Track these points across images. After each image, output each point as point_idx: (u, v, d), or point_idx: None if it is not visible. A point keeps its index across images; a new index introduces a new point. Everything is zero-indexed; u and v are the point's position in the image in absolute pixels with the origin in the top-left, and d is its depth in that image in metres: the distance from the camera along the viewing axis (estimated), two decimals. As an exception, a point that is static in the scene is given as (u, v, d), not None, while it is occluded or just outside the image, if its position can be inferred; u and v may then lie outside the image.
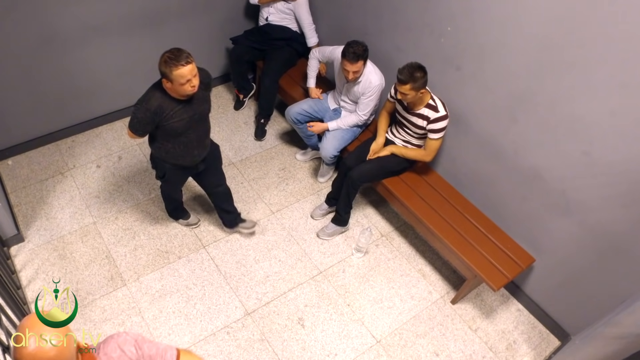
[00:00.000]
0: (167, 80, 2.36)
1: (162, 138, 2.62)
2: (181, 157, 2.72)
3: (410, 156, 3.21)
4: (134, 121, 2.51)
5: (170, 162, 2.75)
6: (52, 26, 3.31)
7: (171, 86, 2.38)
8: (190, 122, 2.59)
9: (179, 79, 2.33)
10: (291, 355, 2.87)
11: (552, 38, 2.44)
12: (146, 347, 1.53)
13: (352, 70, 3.09)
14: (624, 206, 2.44)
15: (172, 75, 2.32)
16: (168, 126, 2.53)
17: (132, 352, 1.49)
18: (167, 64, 2.30)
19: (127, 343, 1.50)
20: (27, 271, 3.09)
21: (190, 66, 2.33)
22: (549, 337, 3.12)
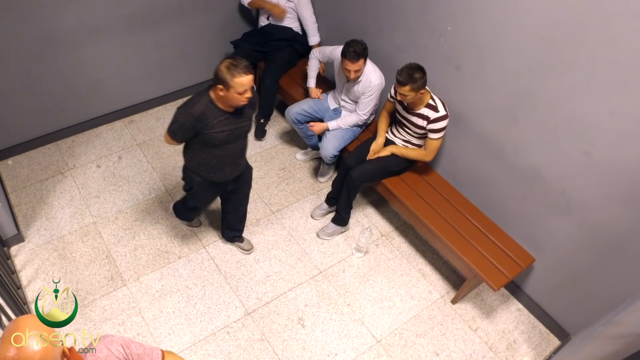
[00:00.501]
0: (224, 87, 2.29)
1: (199, 147, 2.56)
2: (213, 170, 2.65)
3: (410, 156, 3.21)
4: (175, 125, 2.46)
5: (201, 175, 2.68)
6: (52, 26, 3.32)
7: (225, 94, 2.32)
8: (230, 136, 2.52)
9: (238, 87, 2.28)
10: (291, 355, 2.87)
11: (552, 38, 2.44)
12: (133, 347, 1.57)
13: (354, 69, 3.08)
14: (624, 206, 2.44)
15: (232, 82, 2.26)
16: (208, 135, 2.45)
17: (119, 352, 1.52)
18: (230, 70, 2.25)
19: (114, 343, 1.53)
20: (27, 271, 3.09)
21: (251, 76, 2.29)
22: (549, 337, 3.12)
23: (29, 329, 1.28)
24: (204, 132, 2.44)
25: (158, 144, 3.96)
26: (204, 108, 2.39)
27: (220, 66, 2.27)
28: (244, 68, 2.25)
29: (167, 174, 3.75)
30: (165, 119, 4.17)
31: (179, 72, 4.21)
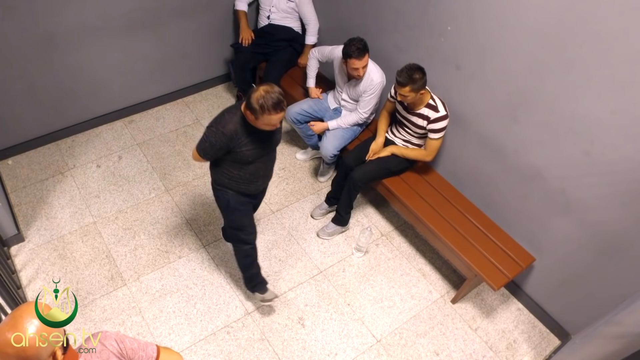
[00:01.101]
0: (254, 116, 2.23)
1: (230, 164, 2.49)
2: (245, 184, 2.59)
3: (410, 156, 3.21)
4: (206, 144, 2.37)
5: (233, 189, 2.62)
6: (52, 26, 3.32)
7: (254, 121, 2.27)
8: (263, 151, 2.47)
9: (265, 122, 2.24)
10: (291, 354, 2.87)
11: (553, 37, 2.43)
12: (127, 342, 1.56)
13: (361, 65, 3.10)
14: (624, 205, 2.44)
15: (262, 116, 2.20)
16: (240, 153, 2.39)
17: (113, 346, 1.52)
18: (262, 107, 2.17)
19: (107, 338, 1.53)
20: (27, 271, 3.09)
21: (282, 114, 2.24)
22: (549, 337, 3.12)
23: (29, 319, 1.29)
24: (237, 150, 2.37)
25: (158, 144, 3.96)
26: (236, 126, 2.32)
27: (254, 95, 2.19)
28: (275, 107, 2.18)
29: (167, 173, 3.75)
30: (165, 118, 4.17)
31: (179, 71, 4.21)
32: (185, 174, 3.76)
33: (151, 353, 1.61)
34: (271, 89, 2.19)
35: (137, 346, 1.58)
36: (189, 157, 3.88)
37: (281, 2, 3.81)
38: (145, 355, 1.59)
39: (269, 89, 2.19)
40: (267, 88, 2.19)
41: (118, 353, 1.52)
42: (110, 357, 1.50)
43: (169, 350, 1.69)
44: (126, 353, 1.54)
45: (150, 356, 1.60)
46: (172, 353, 1.70)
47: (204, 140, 2.38)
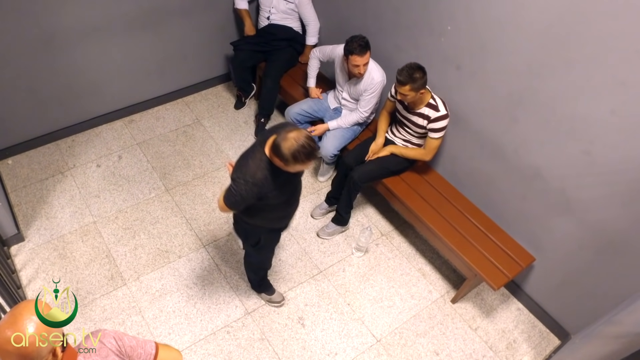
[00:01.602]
0: (283, 162, 2.07)
1: (262, 207, 2.32)
2: (279, 221, 2.52)
3: (409, 156, 3.21)
4: (237, 198, 2.17)
5: (268, 227, 2.52)
6: (52, 25, 3.31)
7: (282, 166, 2.11)
8: (295, 190, 2.38)
9: (297, 169, 2.12)
10: (291, 354, 2.87)
11: (553, 37, 2.43)
12: (126, 339, 1.56)
13: (363, 62, 3.10)
14: (624, 205, 2.44)
15: (292, 165, 2.06)
16: (272, 198, 2.23)
17: (111, 344, 1.52)
18: (296, 158, 2.02)
19: (106, 336, 1.53)
20: (27, 270, 3.09)
21: (313, 162, 2.12)
22: (549, 336, 3.12)
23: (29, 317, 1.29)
24: (268, 196, 2.21)
25: (158, 144, 3.96)
26: (264, 173, 2.15)
27: (284, 144, 2.00)
28: (309, 157, 2.04)
29: (167, 173, 3.75)
30: (165, 118, 4.17)
31: (179, 71, 4.20)
32: (185, 173, 3.76)
33: (150, 350, 1.61)
34: (300, 136, 2.01)
35: (135, 344, 1.58)
36: (189, 157, 3.88)
37: (281, 3, 3.81)
38: (144, 352, 1.59)
39: (299, 137, 2.01)
40: (296, 135, 2.01)
41: (117, 351, 1.52)
42: (109, 355, 1.50)
43: (167, 347, 1.69)
44: (125, 351, 1.54)
45: (149, 353, 1.60)
46: (171, 350, 1.70)
47: (233, 195, 2.18)
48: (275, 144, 2.05)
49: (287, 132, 2.03)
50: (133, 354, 1.56)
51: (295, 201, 2.49)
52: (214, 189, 3.68)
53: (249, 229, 2.52)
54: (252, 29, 4.02)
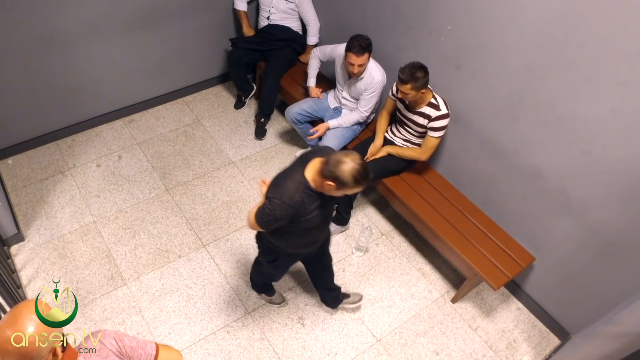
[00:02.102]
0: (337, 186, 1.99)
1: (291, 230, 2.24)
2: (303, 247, 2.44)
3: (406, 155, 3.21)
4: (270, 218, 2.08)
5: (289, 251, 2.44)
6: (52, 25, 3.31)
7: (333, 190, 2.04)
8: (327, 217, 2.29)
9: (352, 191, 2.04)
10: (291, 354, 2.87)
11: (553, 37, 2.43)
12: (126, 340, 1.56)
13: (358, 63, 3.08)
14: (624, 204, 2.44)
15: (349, 188, 1.99)
16: (305, 221, 2.15)
17: (112, 345, 1.52)
18: (356, 180, 1.96)
19: (106, 337, 1.53)
20: (28, 270, 3.09)
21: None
22: (549, 336, 3.12)
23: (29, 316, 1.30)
24: (302, 219, 2.14)
25: (158, 143, 3.96)
26: (302, 196, 2.08)
27: (342, 167, 1.94)
28: (367, 178, 1.99)
29: (167, 173, 3.75)
30: (165, 118, 4.17)
31: (179, 71, 4.20)
32: (185, 173, 3.76)
33: (150, 351, 1.61)
34: (357, 158, 1.96)
35: (136, 344, 1.58)
36: (188, 157, 3.88)
37: (281, 3, 3.81)
38: (144, 353, 1.59)
39: (355, 159, 1.96)
40: (353, 158, 1.96)
41: (117, 351, 1.52)
42: (110, 356, 1.50)
43: (167, 348, 1.69)
44: (125, 352, 1.54)
45: (149, 354, 1.60)
46: (171, 351, 1.70)
47: (267, 214, 2.08)
48: (328, 168, 1.97)
49: (339, 155, 1.97)
50: (133, 355, 1.56)
51: (325, 229, 2.42)
52: (214, 188, 3.68)
53: (270, 247, 2.44)
54: (250, 30, 4.02)
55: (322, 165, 2.01)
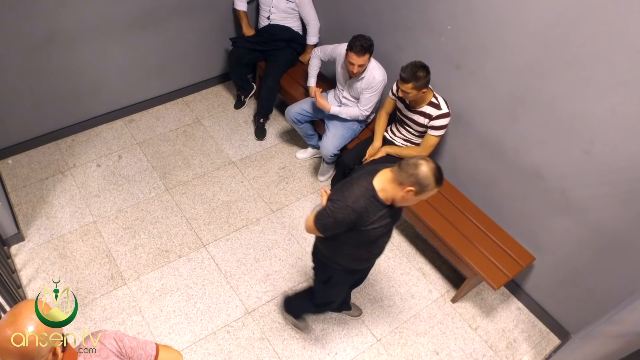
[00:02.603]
0: (417, 190, 1.91)
1: (348, 240, 2.16)
2: (359, 262, 2.36)
3: (405, 155, 3.20)
4: (330, 220, 2.02)
5: (344, 266, 2.34)
6: (52, 25, 3.31)
7: (410, 197, 1.95)
8: (386, 229, 2.15)
9: (427, 195, 1.96)
10: (291, 353, 2.87)
11: (553, 36, 2.43)
12: (127, 340, 1.56)
13: (358, 63, 3.08)
14: (624, 204, 2.44)
15: (429, 190, 1.92)
16: (366, 232, 2.07)
17: (112, 345, 1.52)
18: (437, 181, 1.90)
19: (107, 337, 1.53)
20: (28, 270, 3.09)
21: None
22: (549, 336, 3.12)
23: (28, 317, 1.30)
24: (363, 229, 2.06)
25: (158, 143, 3.96)
26: (367, 203, 2.00)
27: (421, 169, 1.88)
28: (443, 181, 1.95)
29: (167, 173, 3.75)
30: (165, 117, 4.17)
31: (179, 70, 4.20)
32: (185, 173, 3.76)
33: (150, 351, 1.61)
34: (430, 160, 1.93)
35: (136, 344, 1.58)
36: (188, 157, 3.88)
37: (281, 3, 3.81)
38: (145, 353, 1.59)
39: (428, 160, 1.92)
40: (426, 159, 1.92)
41: (117, 352, 1.52)
42: (110, 356, 1.50)
43: (168, 348, 1.69)
44: (125, 352, 1.54)
45: (149, 354, 1.60)
46: (171, 351, 1.70)
47: (327, 215, 2.03)
48: (407, 173, 1.90)
49: (411, 160, 1.91)
50: (133, 355, 1.56)
51: (384, 243, 2.29)
52: (214, 188, 3.68)
53: (324, 262, 2.37)
54: (249, 30, 4.01)
55: (396, 172, 1.95)
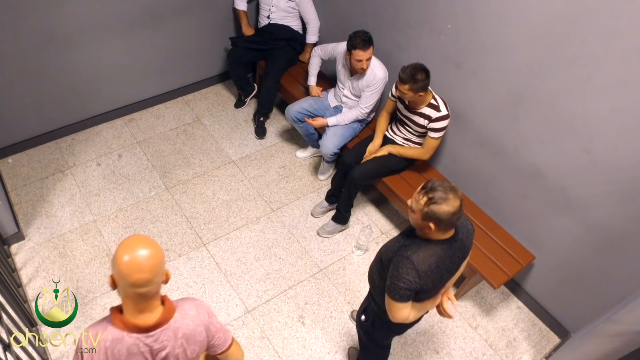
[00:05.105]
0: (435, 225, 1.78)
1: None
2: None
3: (407, 155, 3.21)
4: (405, 293, 1.84)
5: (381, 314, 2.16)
6: (52, 24, 3.31)
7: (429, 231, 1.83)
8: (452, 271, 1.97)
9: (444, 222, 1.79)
10: (291, 352, 2.88)
11: (553, 35, 2.43)
12: (215, 319, 1.62)
13: (366, 57, 3.10)
14: (624, 203, 2.44)
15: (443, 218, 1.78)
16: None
17: (204, 316, 1.57)
18: (454, 215, 1.76)
19: (202, 307, 1.59)
20: (28, 269, 3.09)
21: None
22: (549, 335, 3.12)
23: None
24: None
25: (158, 142, 3.96)
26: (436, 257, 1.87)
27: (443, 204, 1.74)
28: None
29: (167, 172, 3.75)
30: (165, 117, 4.17)
31: (179, 69, 4.20)
32: (185, 172, 3.76)
33: (227, 339, 1.66)
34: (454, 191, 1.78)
35: (220, 327, 1.63)
36: (189, 156, 3.88)
37: (281, 2, 3.80)
38: (223, 337, 1.64)
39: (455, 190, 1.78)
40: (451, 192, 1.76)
41: (206, 325, 1.57)
42: (200, 325, 1.55)
43: (238, 345, 1.74)
44: (210, 328, 1.59)
45: (225, 341, 1.65)
46: (239, 348, 1.74)
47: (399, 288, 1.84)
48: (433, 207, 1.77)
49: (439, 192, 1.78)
50: (215, 335, 1.61)
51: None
52: (214, 187, 3.68)
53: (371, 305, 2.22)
54: (249, 30, 4.01)
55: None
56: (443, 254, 1.86)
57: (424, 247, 1.84)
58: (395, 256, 1.87)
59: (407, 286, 1.82)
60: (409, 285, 1.82)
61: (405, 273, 1.81)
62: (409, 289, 1.83)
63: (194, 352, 1.54)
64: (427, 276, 1.83)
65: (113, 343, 1.41)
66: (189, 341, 1.51)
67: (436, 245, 1.84)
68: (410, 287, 1.82)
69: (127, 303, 1.41)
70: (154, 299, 1.44)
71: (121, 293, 1.41)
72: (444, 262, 1.88)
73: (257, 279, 3.18)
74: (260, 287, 3.15)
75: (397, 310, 1.90)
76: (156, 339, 1.44)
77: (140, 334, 1.42)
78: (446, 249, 1.86)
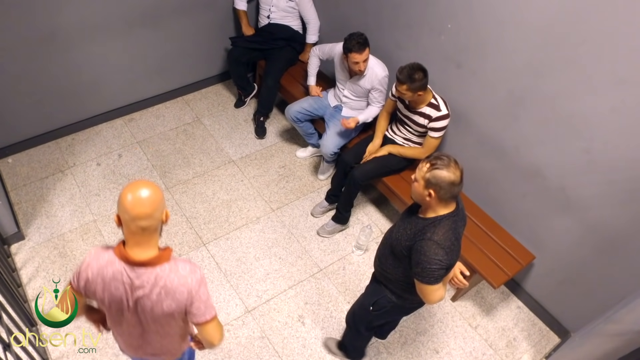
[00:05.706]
0: (435, 191, 1.88)
1: None
2: (421, 302, 2.19)
3: (407, 155, 3.21)
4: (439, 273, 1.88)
5: (405, 301, 2.22)
6: (52, 24, 3.31)
7: (430, 200, 1.91)
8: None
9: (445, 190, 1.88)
10: (291, 352, 2.88)
11: (553, 35, 2.43)
12: (203, 288, 1.63)
13: (362, 59, 3.09)
14: (624, 203, 2.44)
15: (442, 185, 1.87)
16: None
17: (192, 281, 1.59)
18: (454, 186, 1.86)
19: (195, 274, 1.61)
20: (28, 269, 3.09)
21: None
22: (549, 334, 3.12)
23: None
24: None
25: (158, 142, 3.96)
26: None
27: (444, 170, 1.85)
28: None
29: (167, 171, 3.75)
30: (165, 116, 4.17)
31: (179, 69, 4.20)
32: (185, 172, 3.76)
33: (207, 314, 1.64)
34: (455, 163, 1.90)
35: (204, 300, 1.63)
36: (188, 155, 3.88)
37: (281, 2, 3.80)
38: (203, 310, 1.63)
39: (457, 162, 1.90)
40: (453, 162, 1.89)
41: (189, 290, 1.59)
42: (183, 286, 1.57)
43: (219, 326, 1.71)
44: (193, 295, 1.60)
45: (203, 315, 1.63)
46: (219, 329, 1.70)
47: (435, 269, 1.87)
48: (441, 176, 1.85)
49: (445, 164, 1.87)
50: (194, 303, 1.61)
51: None
52: (214, 187, 3.68)
53: (386, 292, 2.26)
54: (249, 29, 4.01)
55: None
56: (455, 225, 1.92)
57: (439, 225, 1.90)
58: (415, 243, 1.92)
59: (439, 266, 1.87)
60: (441, 265, 1.87)
61: (434, 254, 1.86)
62: (441, 268, 1.87)
63: (169, 307, 1.59)
64: (452, 251, 1.90)
65: (106, 264, 1.55)
66: (167, 294, 1.57)
67: (448, 220, 1.90)
68: (443, 266, 1.88)
69: (128, 237, 1.52)
70: (152, 237, 1.55)
71: (125, 230, 1.52)
72: (458, 233, 1.95)
73: (257, 278, 3.18)
74: (260, 287, 3.15)
75: (432, 293, 1.94)
76: (138, 276, 1.54)
77: (127, 265, 1.53)
78: (455, 220, 1.93)
